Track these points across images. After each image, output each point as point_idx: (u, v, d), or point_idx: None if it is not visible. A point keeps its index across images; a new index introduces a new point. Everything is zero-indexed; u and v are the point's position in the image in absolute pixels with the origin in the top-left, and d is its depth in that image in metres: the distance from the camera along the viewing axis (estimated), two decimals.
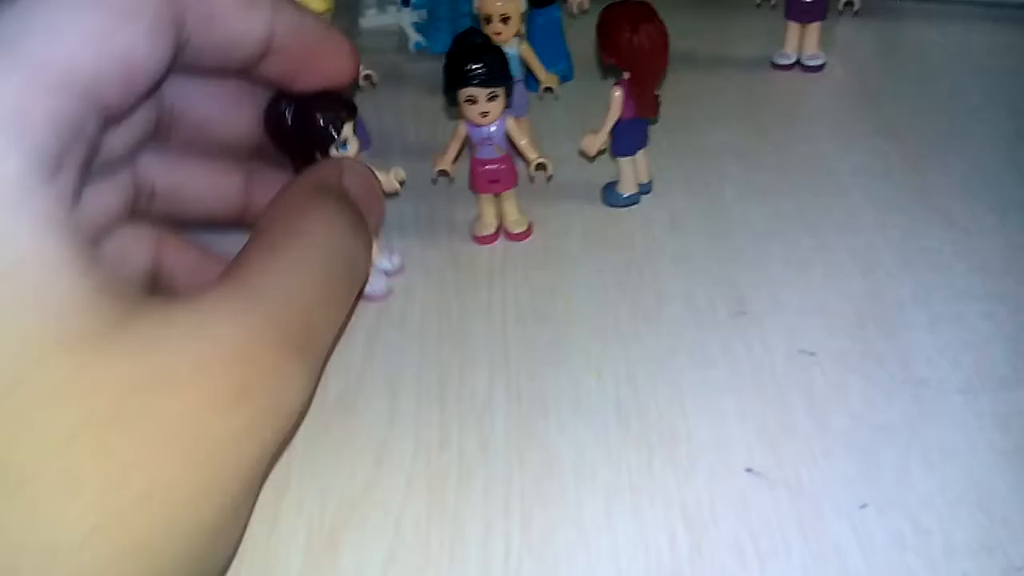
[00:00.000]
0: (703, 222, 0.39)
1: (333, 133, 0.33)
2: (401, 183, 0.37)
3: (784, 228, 0.38)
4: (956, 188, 0.40)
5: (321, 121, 0.32)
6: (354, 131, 0.34)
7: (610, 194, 0.41)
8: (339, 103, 0.33)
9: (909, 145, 0.43)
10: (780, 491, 0.28)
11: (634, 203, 0.40)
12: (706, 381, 0.32)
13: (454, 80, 0.34)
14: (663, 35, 0.35)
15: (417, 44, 0.54)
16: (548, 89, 0.42)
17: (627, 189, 0.40)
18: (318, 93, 0.33)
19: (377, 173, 0.36)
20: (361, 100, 0.46)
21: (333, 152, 0.33)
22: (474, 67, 0.33)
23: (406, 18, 0.54)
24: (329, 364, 0.34)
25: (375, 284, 0.36)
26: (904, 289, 0.35)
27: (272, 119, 0.32)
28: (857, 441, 0.29)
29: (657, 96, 0.38)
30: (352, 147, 0.34)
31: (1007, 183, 0.40)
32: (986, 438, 0.29)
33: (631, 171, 0.40)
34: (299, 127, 0.32)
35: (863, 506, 0.27)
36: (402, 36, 0.55)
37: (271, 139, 0.33)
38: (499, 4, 0.40)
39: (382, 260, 0.37)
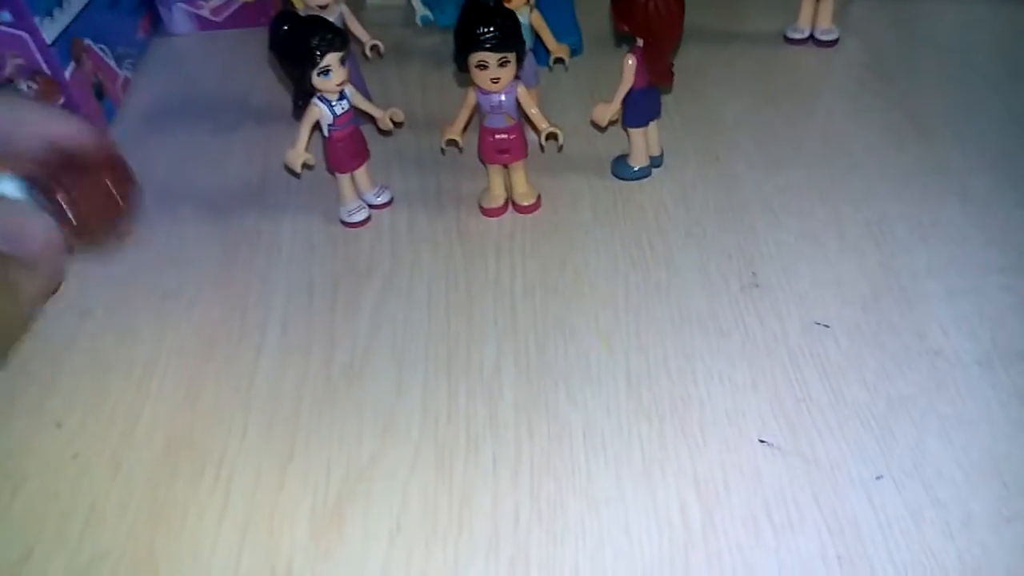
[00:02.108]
0: (715, 195, 0.39)
1: (316, 56, 0.35)
2: (398, 123, 0.38)
3: (797, 201, 0.38)
4: (972, 161, 0.39)
5: (308, 43, 0.34)
6: (342, 62, 0.35)
7: (621, 167, 0.40)
8: (331, 32, 0.35)
9: (923, 119, 0.42)
10: (795, 462, 0.27)
11: (645, 176, 0.40)
12: (719, 352, 0.31)
13: (465, 44, 0.33)
14: (679, 1, 0.34)
15: (424, 18, 0.53)
16: (559, 60, 0.42)
17: (638, 162, 0.40)
18: (315, 18, 0.35)
19: (373, 111, 0.38)
20: (367, 72, 0.45)
21: (315, 78, 0.35)
22: (486, 31, 0.32)
23: None
24: (335, 334, 0.34)
25: (357, 215, 0.39)
26: (919, 261, 0.34)
27: (273, 33, 0.35)
28: (872, 412, 0.29)
29: (671, 65, 0.37)
30: (335, 77, 0.35)
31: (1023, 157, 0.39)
32: (1004, 409, 0.28)
33: (642, 143, 0.39)
34: (291, 44, 0.35)
35: (879, 477, 0.27)
36: (408, 10, 0.54)
37: (271, 50, 0.36)
38: None
39: (368, 195, 0.40)
